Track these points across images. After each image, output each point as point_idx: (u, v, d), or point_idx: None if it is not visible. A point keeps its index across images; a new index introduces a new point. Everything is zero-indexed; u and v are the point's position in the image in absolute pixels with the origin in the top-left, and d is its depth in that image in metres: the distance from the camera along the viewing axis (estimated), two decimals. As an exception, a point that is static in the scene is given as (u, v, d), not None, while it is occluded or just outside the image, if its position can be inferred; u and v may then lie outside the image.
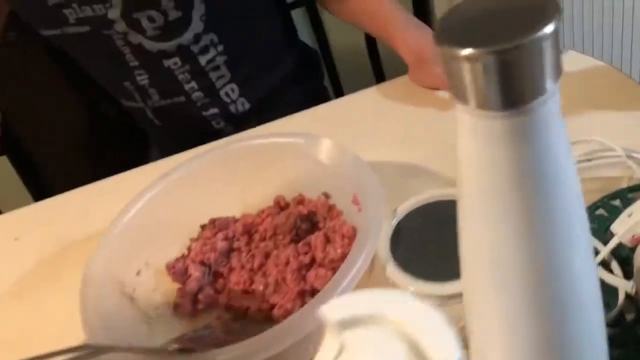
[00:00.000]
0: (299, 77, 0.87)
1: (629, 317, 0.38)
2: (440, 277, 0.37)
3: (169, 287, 0.52)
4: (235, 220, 0.55)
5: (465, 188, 0.24)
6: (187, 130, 0.80)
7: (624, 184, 0.45)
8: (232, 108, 0.80)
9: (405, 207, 0.42)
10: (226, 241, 0.53)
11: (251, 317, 0.48)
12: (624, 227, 0.38)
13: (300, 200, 0.55)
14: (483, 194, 0.23)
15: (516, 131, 0.21)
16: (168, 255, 0.53)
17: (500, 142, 0.21)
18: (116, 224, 0.50)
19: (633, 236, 0.38)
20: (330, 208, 0.53)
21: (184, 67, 0.75)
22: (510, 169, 0.22)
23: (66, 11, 0.69)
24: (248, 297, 0.50)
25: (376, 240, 0.41)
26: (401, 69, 0.71)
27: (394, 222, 0.42)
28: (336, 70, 1.10)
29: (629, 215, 0.38)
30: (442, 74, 0.64)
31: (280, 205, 0.55)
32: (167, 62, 0.74)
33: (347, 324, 0.19)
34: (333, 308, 0.20)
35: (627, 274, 0.39)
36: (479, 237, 0.25)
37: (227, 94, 0.79)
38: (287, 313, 0.47)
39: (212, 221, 0.55)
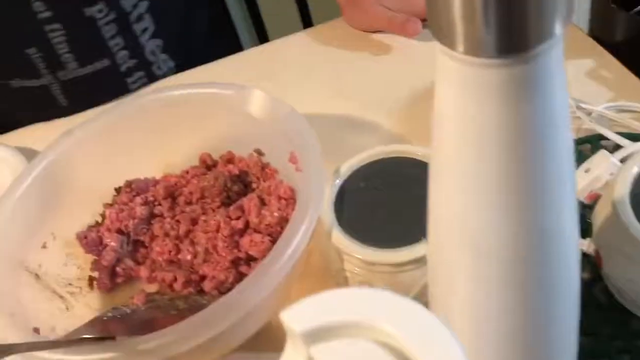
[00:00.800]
0: (214, 36, 0.77)
1: (585, 276, 0.36)
2: (392, 244, 0.34)
3: (82, 260, 0.46)
4: (155, 182, 0.49)
5: (444, 147, 0.20)
6: None
7: (573, 136, 0.43)
8: (155, 70, 0.68)
9: (348, 166, 0.38)
10: (146, 206, 0.47)
11: (178, 290, 0.44)
12: (581, 183, 0.35)
13: (230, 159, 0.49)
14: (468, 155, 0.19)
15: (515, 83, 0.17)
16: (78, 223, 0.46)
17: (495, 96, 0.17)
18: (11, 192, 0.43)
19: (590, 191, 0.36)
20: (264, 167, 0.48)
21: (108, 16, 0.60)
22: (506, 128, 0.18)
23: None
24: (174, 267, 0.45)
25: (320, 201, 0.37)
26: (332, 14, 0.66)
27: (337, 183, 0.38)
28: (261, 18, 1.02)
29: (586, 171, 0.36)
30: (382, 11, 0.60)
31: (207, 164, 0.49)
32: (90, 11, 0.59)
33: (316, 336, 0.15)
34: (297, 315, 0.15)
35: (582, 233, 0.37)
36: (458, 202, 0.21)
37: (152, 52, 0.66)
38: (220, 284, 0.43)
39: (128, 184, 0.48)
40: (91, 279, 0.45)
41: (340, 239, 0.35)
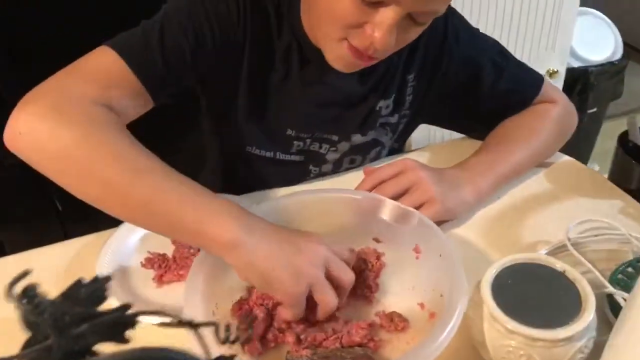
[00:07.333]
0: None
1: None
2: (549, 325, 0.44)
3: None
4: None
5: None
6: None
7: (630, 256, 0.57)
8: None
9: (497, 265, 0.49)
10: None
11: (326, 346, 0.50)
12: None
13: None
14: None
15: None
16: (232, 296, 0.54)
17: None
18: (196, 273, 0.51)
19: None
20: (379, 256, 0.58)
21: None
22: None
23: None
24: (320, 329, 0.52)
25: (465, 292, 0.48)
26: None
27: (493, 274, 0.48)
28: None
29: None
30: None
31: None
32: None
33: None
34: None
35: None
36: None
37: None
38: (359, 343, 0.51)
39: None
40: (244, 345, 0.50)
41: (506, 320, 0.45)
